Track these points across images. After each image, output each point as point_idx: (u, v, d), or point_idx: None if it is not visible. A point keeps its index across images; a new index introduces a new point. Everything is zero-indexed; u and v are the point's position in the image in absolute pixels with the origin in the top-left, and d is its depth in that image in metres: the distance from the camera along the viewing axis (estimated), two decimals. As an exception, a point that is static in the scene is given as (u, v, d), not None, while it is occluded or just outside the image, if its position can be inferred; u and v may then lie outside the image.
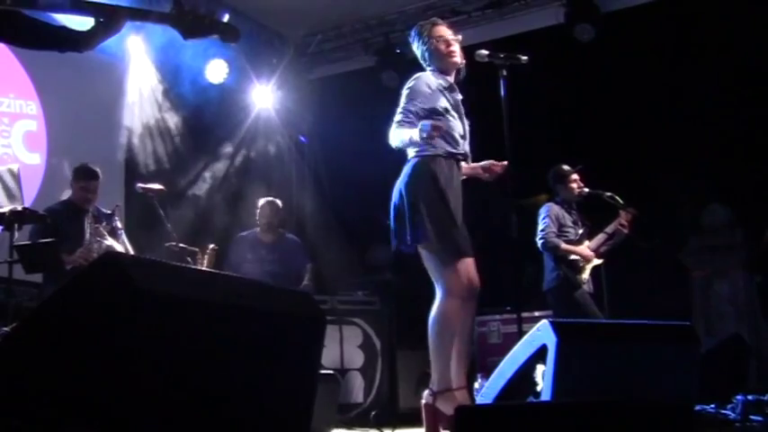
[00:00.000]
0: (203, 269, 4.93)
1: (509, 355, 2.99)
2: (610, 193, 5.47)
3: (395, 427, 4.81)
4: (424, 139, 3.37)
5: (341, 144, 7.38)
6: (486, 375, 4.44)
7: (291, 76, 8.05)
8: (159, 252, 5.28)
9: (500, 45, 4.66)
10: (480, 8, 7.31)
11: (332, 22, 7.79)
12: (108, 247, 4.64)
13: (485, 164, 3.81)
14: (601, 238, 5.47)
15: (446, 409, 3.42)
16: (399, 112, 3.63)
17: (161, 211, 5.31)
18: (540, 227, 5.40)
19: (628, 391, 2.74)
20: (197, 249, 5.34)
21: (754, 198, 6.01)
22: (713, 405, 4.23)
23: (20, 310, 4.39)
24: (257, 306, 1.99)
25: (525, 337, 2.93)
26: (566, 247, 5.35)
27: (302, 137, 8.44)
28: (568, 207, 5.55)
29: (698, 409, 3.99)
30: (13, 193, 4.63)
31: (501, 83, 3.84)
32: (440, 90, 3.67)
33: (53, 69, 5.96)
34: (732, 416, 4.13)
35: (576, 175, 5.54)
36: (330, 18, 7.68)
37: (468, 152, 3.76)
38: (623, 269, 5.69)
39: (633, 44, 6.50)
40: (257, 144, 7.81)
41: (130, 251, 4.89)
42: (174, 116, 7.08)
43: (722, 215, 6.47)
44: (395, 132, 3.58)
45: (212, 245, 5.45)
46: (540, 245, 5.39)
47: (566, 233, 5.43)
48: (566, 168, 5.56)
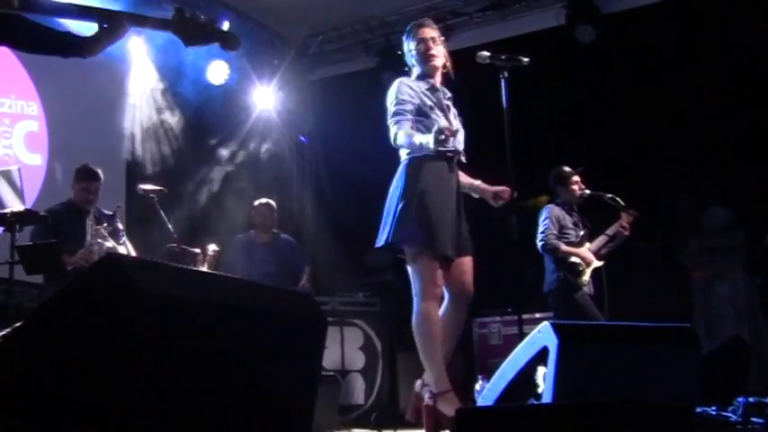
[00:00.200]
0: (204, 270, 4.94)
1: (510, 357, 2.98)
2: (611, 195, 5.47)
3: (395, 428, 4.80)
4: (441, 141, 3.35)
5: (342, 145, 7.39)
6: (487, 377, 4.43)
7: (292, 77, 8.06)
8: (160, 253, 5.28)
9: (501, 47, 4.67)
10: (481, 9, 7.32)
11: (333, 23, 7.80)
12: (109, 249, 4.64)
13: (496, 189, 3.77)
14: (602, 240, 5.47)
15: (447, 410, 3.42)
16: (394, 114, 3.63)
17: (162, 212, 5.32)
18: (541, 228, 5.40)
19: (629, 393, 2.73)
20: (198, 250, 5.35)
21: (755, 199, 6.00)
22: (714, 407, 4.22)
23: (20, 310, 4.39)
24: (258, 307, 1.99)
25: (526, 339, 2.92)
26: (566, 248, 5.35)
27: (303, 137, 8.45)
28: (569, 209, 5.55)
29: (699, 411, 3.98)
30: (14, 194, 4.63)
31: (502, 84, 3.85)
32: (421, 92, 3.69)
33: (54, 70, 5.95)
34: (733, 418, 4.12)
35: (577, 177, 5.54)
36: (331, 19, 7.69)
37: (460, 148, 3.75)
38: (624, 270, 5.69)
39: (634, 46, 6.50)
40: (258, 145, 7.81)
41: (132, 252, 4.89)
42: (176, 117, 7.08)
43: (723, 217, 6.47)
44: (401, 134, 3.55)
45: (213, 246, 5.46)
46: (541, 247, 5.39)
47: (566, 235, 5.43)
48: (567, 170, 5.56)
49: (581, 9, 6.74)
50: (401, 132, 3.55)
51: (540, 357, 2.78)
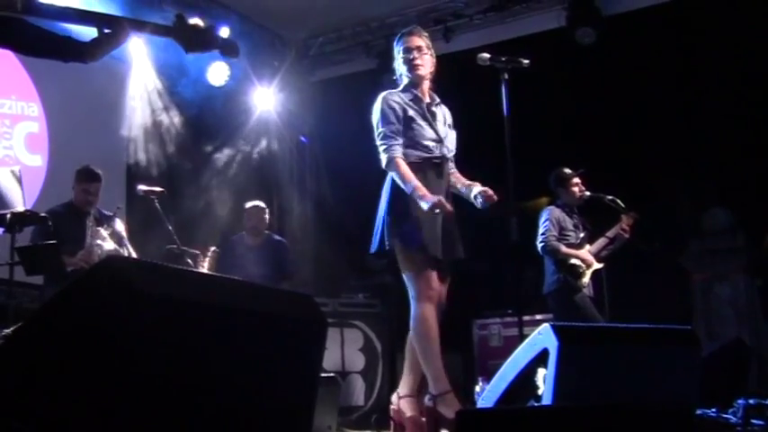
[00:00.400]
0: (204, 272, 4.94)
1: (510, 359, 2.98)
2: (611, 197, 5.47)
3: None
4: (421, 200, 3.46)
5: (342, 146, 7.38)
6: (487, 379, 4.43)
7: (293, 79, 8.06)
8: (160, 254, 5.28)
9: (501, 48, 4.68)
10: (482, 11, 7.32)
11: (333, 24, 7.80)
12: (109, 250, 4.64)
13: (479, 191, 3.72)
14: (602, 242, 5.46)
15: (446, 412, 3.42)
16: (384, 137, 3.67)
17: (162, 213, 5.32)
18: (541, 230, 5.40)
19: (629, 395, 2.73)
20: (198, 251, 5.35)
21: (755, 201, 6.01)
22: (714, 409, 4.22)
23: (20, 311, 4.39)
24: (258, 309, 1.99)
25: (526, 341, 2.92)
26: (566, 250, 5.35)
27: (303, 138, 8.45)
28: (569, 210, 5.55)
29: (699, 413, 3.98)
30: (14, 194, 4.63)
31: (502, 86, 3.85)
32: (404, 103, 3.73)
33: (55, 71, 5.93)
34: (733, 420, 4.12)
35: (578, 179, 5.54)
36: (331, 20, 7.70)
37: (448, 154, 3.78)
38: (624, 272, 5.69)
39: (634, 47, 6.50)
40: (259, 146, 7.81)
41: (132, 253, 4.89)
42: (176, 118, 7.08)
43: (723, 218, 6.47)
44: (397, 169, 3.60)
45: (213, 247, 5.46)
46: (541, 248, 5.39)
47: (566, 237, 5.43)
48: (567, 172, 5.56)
49: (581, 11, 6.74)
50: (395, 165, 3.61)
51: (541, 359, 2.78)
